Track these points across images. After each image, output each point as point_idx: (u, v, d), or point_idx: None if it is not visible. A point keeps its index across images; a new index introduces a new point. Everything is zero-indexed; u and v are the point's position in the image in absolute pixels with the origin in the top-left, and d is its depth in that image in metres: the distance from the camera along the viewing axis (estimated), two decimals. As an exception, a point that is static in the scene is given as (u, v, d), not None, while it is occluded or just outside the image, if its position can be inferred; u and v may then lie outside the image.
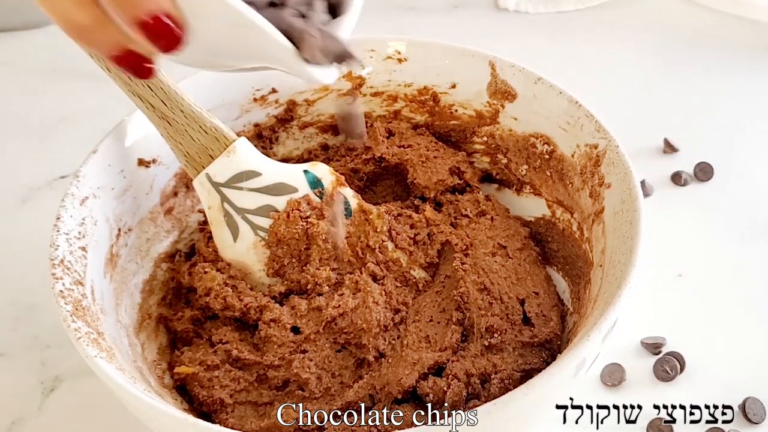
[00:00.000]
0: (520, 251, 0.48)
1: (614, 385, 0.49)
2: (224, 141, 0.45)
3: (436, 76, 0.52)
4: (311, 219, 0.46)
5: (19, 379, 0.50)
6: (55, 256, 0.39)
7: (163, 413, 0.34)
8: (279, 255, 0.46)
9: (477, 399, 0.41)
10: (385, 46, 0.52)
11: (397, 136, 0.52)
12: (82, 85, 0.70)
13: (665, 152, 0.63)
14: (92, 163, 0.44)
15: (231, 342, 0.44)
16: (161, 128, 0.44)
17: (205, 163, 0.45)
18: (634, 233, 0.39)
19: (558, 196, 0.49)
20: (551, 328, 0.44)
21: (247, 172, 0.46)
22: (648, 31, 0.77)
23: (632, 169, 0.42)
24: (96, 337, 0.37)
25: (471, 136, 0.53)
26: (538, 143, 0.49)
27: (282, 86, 0.52)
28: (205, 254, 0.47)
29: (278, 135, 0.54)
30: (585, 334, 0.35)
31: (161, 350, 0.45)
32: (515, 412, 0.34)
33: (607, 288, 0.38)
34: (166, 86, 0.44)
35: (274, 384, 0.42)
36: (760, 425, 0.47)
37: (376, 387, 0.41)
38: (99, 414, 0.47)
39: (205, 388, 0.42)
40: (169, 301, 0.48)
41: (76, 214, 0.42)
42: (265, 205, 0.46)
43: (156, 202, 0.48)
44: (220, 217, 0.46)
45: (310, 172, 0.47)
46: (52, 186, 0.63)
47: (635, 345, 0.51)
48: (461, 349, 0.43)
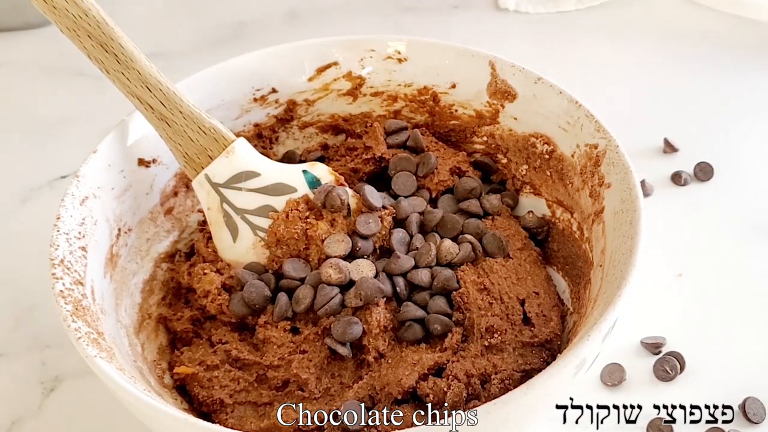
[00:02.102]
0: (521, 251, 0.48)
1: (614, 385, 0.49)
2: (223, 142, 0.45)
3: (436, 76, 0.52)
4: (310, 219, 0.46)
5: (19, 379, 0.50)
6: (55, 256, 0.39)
7: (163, 413, 0.34)
8: (278, 255, 0.46)
9: (477, 399, 0.41)
10: (385, 46, 0.52)
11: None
12: (82, 85, 0.70)
13: (665, 152, 0.63)
14: (92, 163, 0.44)
15: (230, 342, 0.44)
16: (160, 129, 0.44)
17: (204, 164, 0.45)
18: (634, 233, 0.39)
19: (558, 196, 0.49)
20: (552, 328, 0.44)
21: (246, 173, 0.46)
22: (648, 31, 0.77)
23: (632, 169, 0.42)
24: (96, 337, 0.37)
25: (471, 136, 0.53)
26: (538, 143, 0.49)
27: (282, 86, 0.52)
28: (204, 254, 0.47)
29: (278, 135, 0.54)
30: (585, 334, 0.35)
31: (161, 350, 0.45)
32: (515, 412, 0.34)
33: (607, 288, 0.38)
34: (165, 87, 0.44)
35: (274, 384, 0.42)
36: (760, 425, 0.47)
37: (376, 387, 0.41)
38: (99, 414, 0.48)
39: (205, 388, 0.42)
40: (168, 301, 0.48)
41: (76, 214, 0.42)
42: (264, 205, 0.46)
43: (156, 202, 0.48)
44: (220, 217, 0.46)
45: (309, 172, 0.47)
46: (52, 186, 0.63)
47: (635, 345, 0.51)
48: (461, 350, 0.43)
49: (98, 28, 0.42)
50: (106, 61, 0.43)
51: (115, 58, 0.42)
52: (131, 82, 0.43)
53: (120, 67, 0.43)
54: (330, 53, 0.52)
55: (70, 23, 0.42)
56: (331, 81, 0.52)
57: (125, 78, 0.43)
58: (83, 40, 0.42)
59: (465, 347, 0.43)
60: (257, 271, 0.46)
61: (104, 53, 0.42)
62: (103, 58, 0.42)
